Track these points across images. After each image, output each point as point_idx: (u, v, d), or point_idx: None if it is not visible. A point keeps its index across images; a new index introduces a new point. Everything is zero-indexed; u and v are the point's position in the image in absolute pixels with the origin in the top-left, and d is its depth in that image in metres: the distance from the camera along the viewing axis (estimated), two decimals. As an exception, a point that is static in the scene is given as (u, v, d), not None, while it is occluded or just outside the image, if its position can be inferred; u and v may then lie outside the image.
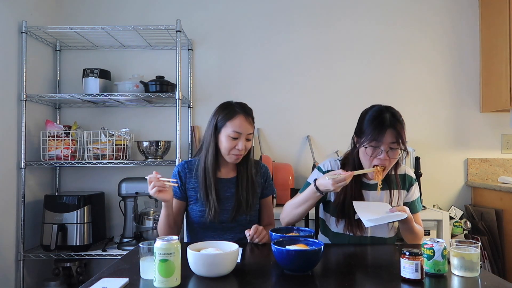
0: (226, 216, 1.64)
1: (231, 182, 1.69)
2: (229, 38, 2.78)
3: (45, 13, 2.64)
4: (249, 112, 1.64)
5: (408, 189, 1.64)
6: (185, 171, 1.68)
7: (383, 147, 1.45)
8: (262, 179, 1.76)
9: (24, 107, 2.33)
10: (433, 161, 2.71)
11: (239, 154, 1.60)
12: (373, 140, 1.45)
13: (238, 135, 1.58)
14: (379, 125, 1.45)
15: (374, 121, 1.47)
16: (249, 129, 1.61)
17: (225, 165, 1.69)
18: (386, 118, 1.46)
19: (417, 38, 2.77)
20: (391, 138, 1.44)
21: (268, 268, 1.24)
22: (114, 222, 2.70)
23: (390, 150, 1.46)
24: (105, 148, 2.40)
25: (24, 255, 2.29)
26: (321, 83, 2.76)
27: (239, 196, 1.65)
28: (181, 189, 1.67)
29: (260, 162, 1.81)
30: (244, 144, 1.59)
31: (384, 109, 1.51)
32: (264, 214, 1.79)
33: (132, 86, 2.52)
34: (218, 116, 1.62)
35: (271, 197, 1.81)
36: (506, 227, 2.39)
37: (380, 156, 1.46)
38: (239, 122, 1.59)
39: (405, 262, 1.10)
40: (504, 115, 2.71)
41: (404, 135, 1.47)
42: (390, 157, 1.47)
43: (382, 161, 1.46)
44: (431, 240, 1.16)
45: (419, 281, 1.08)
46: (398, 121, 1.47)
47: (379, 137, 1.44)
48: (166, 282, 1.03)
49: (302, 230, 1.47)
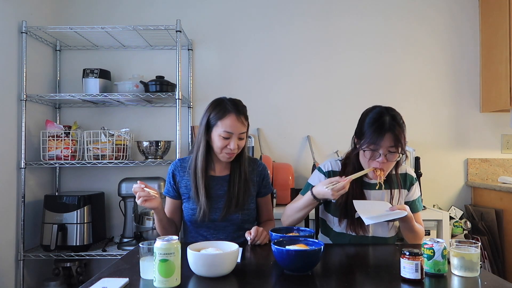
0: (217, 214, 1.62)
1: (224, 180, 1.67)
2: (229, 38, 2.78)
3: (45, 13, 2.64)
4: (241, 110, 1.59)
5: (409, 189, 1.64)
6: (178, 169, 1.68)
7: (382, 150, 1.45)
8: (259, 177, 1.72)
9: (24, 107, 2.33)
10: (433, 161, 2.71)
11: (231, 153, 1.58)
12: (372, 144, 1.46)
13: (230, 135, 1.55)
14: (378, 128, 1.45)
15: (373, 124, 1.47)
16: (240, 129, 1.57)
17: (219, 162, 1.67)
18: (386, 122, 1.45)
19: (417, 38, 2.77)
20: (390, 142, 1.44)
21: (268, 268, 1.24)
22: (114, 222, 2.70)
23: (389, 154, 1.46)
24: (105, 148, 2.40)
25: (24, 255, 2.29)
26: (321, 83, 2.76)
27: (230, 194, 1.63)
28: (174, 188, 1.67)
29: (257, 160, 1.78)
30: (236, 143, 1.56)
31: (384, 111, 1.50)
32: (263, 212, 1.78)
33: (132, 86, 2.52)
34: (210, 114, 1.59)
35: (270, 195, 1.79)
36: (506, 227, 2.39)
37: (378, 159, 1.46)
38: (230, 122, 1.55)
39: (405, 262, 1.10)
40: (504, 115, 2.71)
41: (403, 138, 1.47)
42: (388, 160, 1.47)
43: (380, 164, 1.47)
44: (431, 240, 1.16)
45: (419, 281, 1.08)
46: (398, 124, 1.47)
47: (377, 141, 1.44)
48: (166, 282, 1.03)
49: (302, 230, 1.47)
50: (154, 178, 2.44)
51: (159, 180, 2.42)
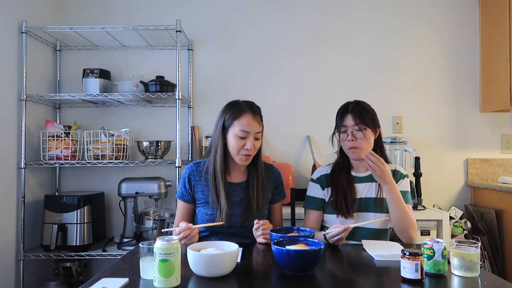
0: (235, 221, 1.61)
1: (240, 186, 1.65)
2: (229, 38, 2.78)
3: (45, 13, 2.64)
4: (256, 111, 1.60)
5: (397, 182, 1.67)
6: (194, 173, 1.65)
7: (348, 130, 1.64)
8: (273, 184, 1.72)
9: (24, 107, 2.33)
10: (433, 161, 2.71)
11: (248, 154, 1.56)
12: (340, 126, 1.67)
13: (246, 134, 1.55)
14: (343, 113, 1.68)
15: (340, 111, 1.70)
16: (257, 128, 1.57)
17: (235, 169, 1.66)
18: (348, 106, 1.68)
19: (417, 38, 2.77)
20: (353, 121, 1.63)
21: (268, 268, 1.24)
22: (114, 222, 2.70)
23: (355, 131, 1.63)
24: (105, 148, 2.40)
25: (24, 255, 2.29)
26: (321, 83, 2.76)
27: (249, 199, 1.61)
28: (190, 193, 1.65)
29: (272, 166, 1.76)
30: (252, 143, 1.55)
31: (351, 101, 1.71)
32: (274, 219, 1.75)
33: (132, 86, 2.52)
34: (225, 116, 1.59)
35: (281, 203, 1.77)
36: (506, 227, 2.39)
37: (348, 138, 1.64)
38: (247, 121, 1.55)
39: (405, 262, 1.10)
40: (504, 115, 2.71)
41: (368, 117, 1.64)
42: (357, 138, 1.63)
43: (351, 142, 1.63)
44: (431, 240, 1.16)
45: (419, 281, 1.08)
46: (361, 107, 1.67)
47: (343, 122, 1.66)
48: (166, 282, 1.03)
49: (302, 230, 1.47)
50: (154, 178, 2.44)
51: (159, 180, 2.41)
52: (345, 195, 1.64)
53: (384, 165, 1.54)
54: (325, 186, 1.71)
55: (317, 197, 1.71)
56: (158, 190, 2.38)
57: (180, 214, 1.68)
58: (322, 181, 1.72)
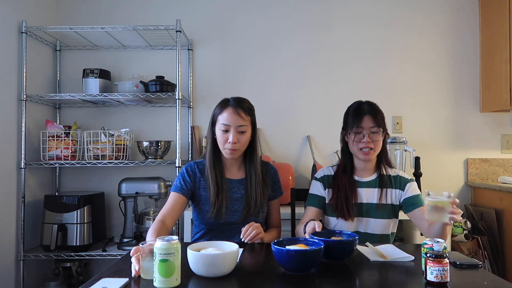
0: (236, 217, 1.62)
1: (240, 183, 1.67)
2: (229, 38, 2.78)
3: (45, 13, 2.64)
4: (240, 104, 1.60)
5: (403, 188, 1.68)
6: (195, 170, 1.67)
7: (364, 131, 1.62)
8: (271, 181, 1.74)
9: (24, 107, 2.33)
10: (433, 161, 2.71)
11: (231, 148, 1.58)
12: (355, 127, 1.63)
13: (227, 127, 1.58)
14: (358, 113, 1.65)
15: (354, 111, 1.67)
16: (238, 121, 1.58)
17: (231, 164, 1.68)
18: (364, 108, 1.65)
19: (417, 38, 2.77)
20: (370, 123, 1.62)
21: (268, 268, 1.24)
22: (114, 222, 2.70)
23: (371, 134, 1.62)
24: (105, 148, 2.40)
25: (24, 255, 2.29)
26: (321, 83, 2.76)
27: (248, 195, 1.64)
28: (188, 187, 1.63)
29: (269, 164, 1.79)
30: (235, 136, 1.57)
31: (362, 102, 1.69)
32: (272, 217, 1.77)
33: (132, 86, 2.52)
34: (214, 112, 1.66)
35: (278, 200, 1.79)
36: (506, 227, 2.39)
37: (363, 140, 1.62)
38: (227, 115, 1.59)
39: (430, 265, 1.06)
40: (504, 115, 2.71)
41: (382, 121, 1.65)
42: (373, 140, 1.62)
43: (366, 144, 1.61)
44: (431, 240, 1.16)
45: (444, 284, 1.05)
46: (375, 109, 1.66)
47: (359, 123, 1.62)
48: (166, 282, 1.03)
49: (345, 233, 1.39)
50: (154, 178, 2.44)
51: (159, 180, 2.41)
52: (346, 198, 1.64)
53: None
54: (327, 187, 1.72)
55: (318, 195, 1.72)
56: (158, 190, 2.38)
57: (170, 207, 1.58)
58: (325, 181, 1.73)
